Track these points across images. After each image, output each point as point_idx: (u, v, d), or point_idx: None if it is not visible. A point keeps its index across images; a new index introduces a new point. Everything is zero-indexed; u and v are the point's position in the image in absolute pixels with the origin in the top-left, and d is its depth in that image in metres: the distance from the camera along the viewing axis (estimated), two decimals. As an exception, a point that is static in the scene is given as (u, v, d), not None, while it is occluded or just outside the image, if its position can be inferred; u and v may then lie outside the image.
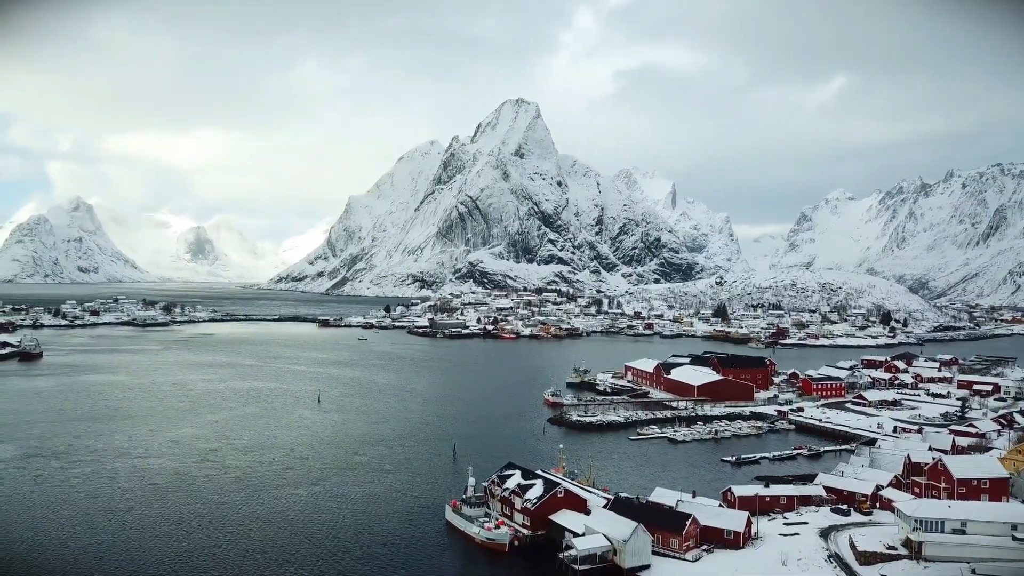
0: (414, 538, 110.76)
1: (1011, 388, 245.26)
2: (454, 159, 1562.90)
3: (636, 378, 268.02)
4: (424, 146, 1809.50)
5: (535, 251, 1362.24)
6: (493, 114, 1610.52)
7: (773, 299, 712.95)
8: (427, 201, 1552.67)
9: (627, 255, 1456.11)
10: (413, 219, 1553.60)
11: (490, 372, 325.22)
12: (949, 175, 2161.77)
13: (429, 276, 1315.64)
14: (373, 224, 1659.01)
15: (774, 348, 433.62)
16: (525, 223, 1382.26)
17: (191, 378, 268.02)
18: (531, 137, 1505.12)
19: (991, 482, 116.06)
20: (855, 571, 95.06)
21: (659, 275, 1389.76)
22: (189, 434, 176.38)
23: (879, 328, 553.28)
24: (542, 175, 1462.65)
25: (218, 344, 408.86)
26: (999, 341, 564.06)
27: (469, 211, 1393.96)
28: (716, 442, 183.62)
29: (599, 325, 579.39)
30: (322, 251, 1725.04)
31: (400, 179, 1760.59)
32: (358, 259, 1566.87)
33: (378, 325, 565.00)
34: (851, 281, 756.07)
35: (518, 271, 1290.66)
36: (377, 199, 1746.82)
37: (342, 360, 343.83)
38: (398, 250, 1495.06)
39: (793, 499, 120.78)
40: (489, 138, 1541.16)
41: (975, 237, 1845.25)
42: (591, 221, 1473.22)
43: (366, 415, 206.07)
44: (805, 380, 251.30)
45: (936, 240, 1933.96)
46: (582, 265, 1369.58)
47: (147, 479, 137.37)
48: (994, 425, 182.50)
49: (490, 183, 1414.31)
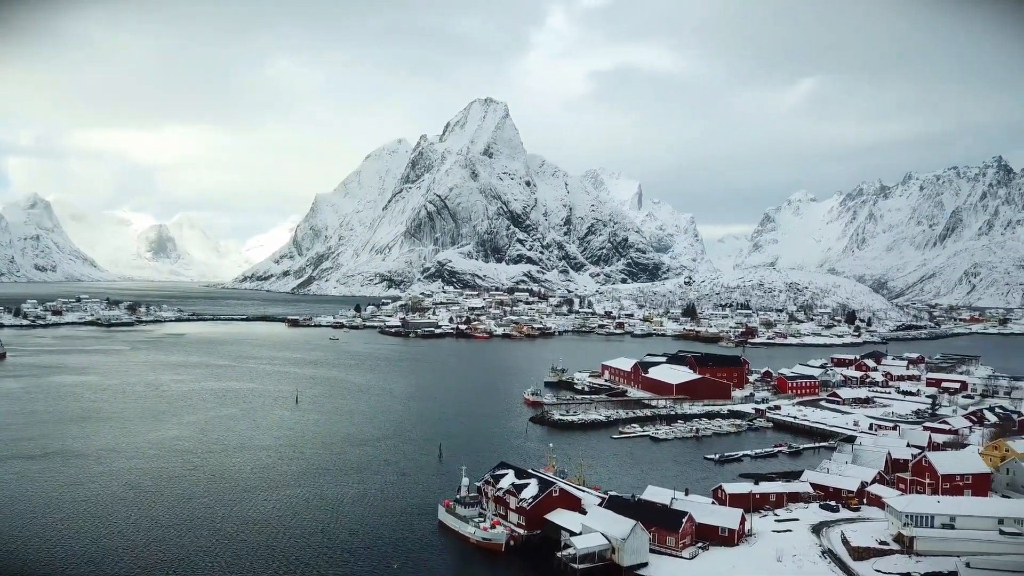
0: (407, 539, 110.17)
1: (978, 385, 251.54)
2: (422, 158, 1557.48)
3: (613, 377, 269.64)
4: (392, 144, 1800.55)
5: (504, 251, 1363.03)
6: (462, 113, 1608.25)
7: (741, 299, 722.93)
8: (395, 200, 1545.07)
9: (595, 255, 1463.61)
10: (381, 218, 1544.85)
11: (466, 372, 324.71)
12: (907, 178, 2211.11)
13: (397, 275, 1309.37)
14: (340, 223, 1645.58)
15: (744, 347, 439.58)
16: (494, 223, 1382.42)
17: (164, 379, 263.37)
18: (500, 137, 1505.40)
19: (973, 477, 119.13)
20: (849, 566, 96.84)
21: (626, 275, 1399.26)
22: (168, 436, 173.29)
23: (844, 327, 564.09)
24: (511, 175, 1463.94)
25: (188, 344, 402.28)
26: (958, 340, 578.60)
27: (438, 210, 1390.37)
28: (698, 440, 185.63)
29: (571, 324, 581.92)
30: (288, 250, 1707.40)
31: (367, 177, 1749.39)
32: (325, 258, 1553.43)
33: (349, 325, 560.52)
34: (817, 281, 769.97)
35: (487, 271, 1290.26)
36: (344, 197, 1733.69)
37: (316, 360, 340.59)
38: (365, 249, 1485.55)
39: (782, 496, 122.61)
40: (458, 137, 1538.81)
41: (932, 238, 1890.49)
42: (559, 221, 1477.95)
43: (347, 415, 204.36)
44: (780, 378, 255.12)
45: (895, 241, 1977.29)
46: (551, 265, 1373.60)
47: (130, 482, 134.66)
48: (966, 422, 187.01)
49: (459, 182, 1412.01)
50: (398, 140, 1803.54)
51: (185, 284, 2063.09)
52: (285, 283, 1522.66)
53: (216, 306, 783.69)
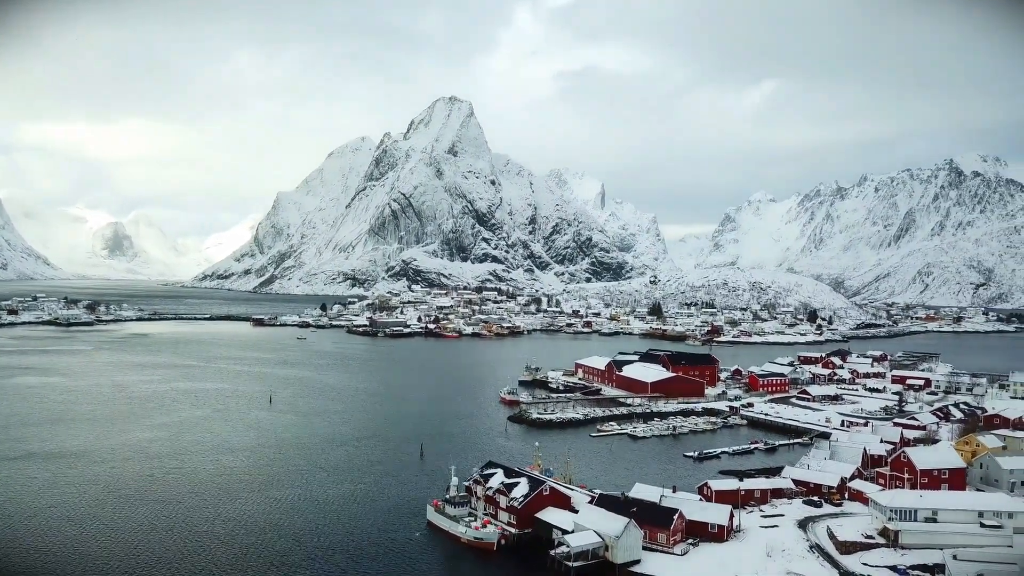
0: (397, 540, 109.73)
1: (941, 382, 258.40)
2: (386, 156, 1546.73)
3: (587, 375, 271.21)
4: (355, 142, 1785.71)
5: (469, 250, 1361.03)
6: (426, 111, 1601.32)
7: (706, 297, 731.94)
8: (359, 198, 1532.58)
9: (560, 254, 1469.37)
10: (344, 216, 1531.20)
11: (439, 371, 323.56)
12: (863, 179, 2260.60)
13: (361, 274, 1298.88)
14: (302, 221, 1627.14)
15: (710, 345, 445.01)
16: (459, 221, 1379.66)
17: (132, 379, 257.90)
18: (464, 135, 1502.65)
19: (950, 472, 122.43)
20: (837, 560, 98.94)
21: (590, 274, 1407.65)
22: (142, 438, 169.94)
23: (807, 326, 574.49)
24: (476, 173, 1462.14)
25: (153, 344, 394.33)
26: (915, 338, 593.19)
27: (402, 208, 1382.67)
28: (674, 438, 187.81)
29: (539, 323, 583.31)
30: (249, 248, 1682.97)
31: (330, 175, 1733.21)
32: (287, 256, 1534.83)
33: (315, 324, 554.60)
34: (779, 280, 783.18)
35: (452, 269, 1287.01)
36: (306, 195, 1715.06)
37: (286, 360, 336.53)
38: (328, 247, 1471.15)
39: (766, 492, 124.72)
40: (422, 135, 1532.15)
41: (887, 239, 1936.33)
42: (524, 220, 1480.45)
43: (324, 416, 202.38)
44: (752, 376, 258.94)
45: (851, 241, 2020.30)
46: (516, 264, 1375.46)
47: (107, 485, 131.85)
48: (933, 418, 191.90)
49: (423, 180, 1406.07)
50: (361, 138, 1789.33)
51: (143, 283, 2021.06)
52: (246, 282, 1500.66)
53: (177, 305, 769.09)
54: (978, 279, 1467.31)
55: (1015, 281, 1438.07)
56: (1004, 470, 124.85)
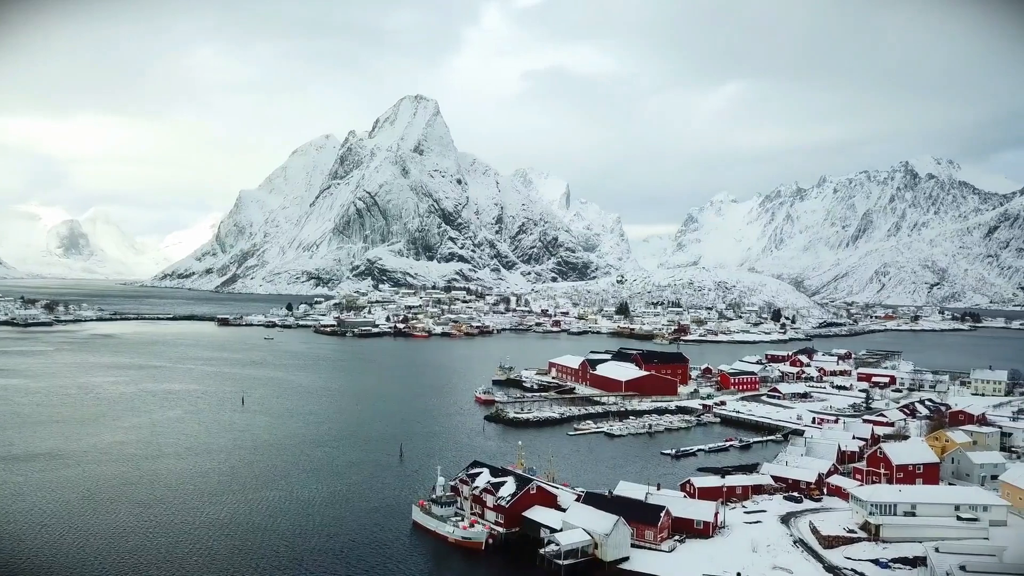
0: (384, 540, 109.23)
1: (905, 380, 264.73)
2: (351, 154, 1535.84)
3: (561, 374, 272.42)
4: (319, 140, 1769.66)
5: (435, 249, 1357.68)
6: (392, 110, 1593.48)
7: (672, 297, 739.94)
8: (323, 196, 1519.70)
9: (526, 254, 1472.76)
10: (308, 214, 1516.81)
11: (411, 371, 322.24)
12: (822, 180, 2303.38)
13: (326, 273, 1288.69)
14: (265, 219, 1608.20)
15: (678, 344, 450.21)
16: (425, 220, 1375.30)
17: (98, 381, 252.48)
18: (430, 134, 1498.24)
19: (924, 467, 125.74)
20: (821, 554, 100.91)
21: (556, 274, 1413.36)
22: (114, 440, 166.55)
23: (771, 325, 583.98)
24: (442, 172, 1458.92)
25: (117, 345, 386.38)
26: (875, 336, 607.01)
27: (367, 207, 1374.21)
28: (650, 436, 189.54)
29: (508, 323, 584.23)
30: (210, 247, 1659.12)
31: (294, 173, 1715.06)
32: (249, 255, 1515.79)
33: (281, 324, 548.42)
34: (744, 280, 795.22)
35: (418, 268, 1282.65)
36: (269, 193, 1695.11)
37: (254, 360, 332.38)
38: (292, 246, 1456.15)
39: (747, 488, 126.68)
40: (387, 134, 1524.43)
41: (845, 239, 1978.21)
42: (491, 220, 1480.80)
43: (300, 417, 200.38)
44: (723, 375, 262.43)
45: (811, 242, 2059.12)
46: (482, 263, 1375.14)
47: (82, 489, 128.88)
48: (900, 415, 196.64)
49: (389, 179, 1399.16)
50: (326, 135, 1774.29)
51: (100, 282, 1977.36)
52: (208, 281, 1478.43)
53: (138, 305, 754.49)
54: (932, 279, 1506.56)
55: (967, 281, 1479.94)
56: (975, 464, 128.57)
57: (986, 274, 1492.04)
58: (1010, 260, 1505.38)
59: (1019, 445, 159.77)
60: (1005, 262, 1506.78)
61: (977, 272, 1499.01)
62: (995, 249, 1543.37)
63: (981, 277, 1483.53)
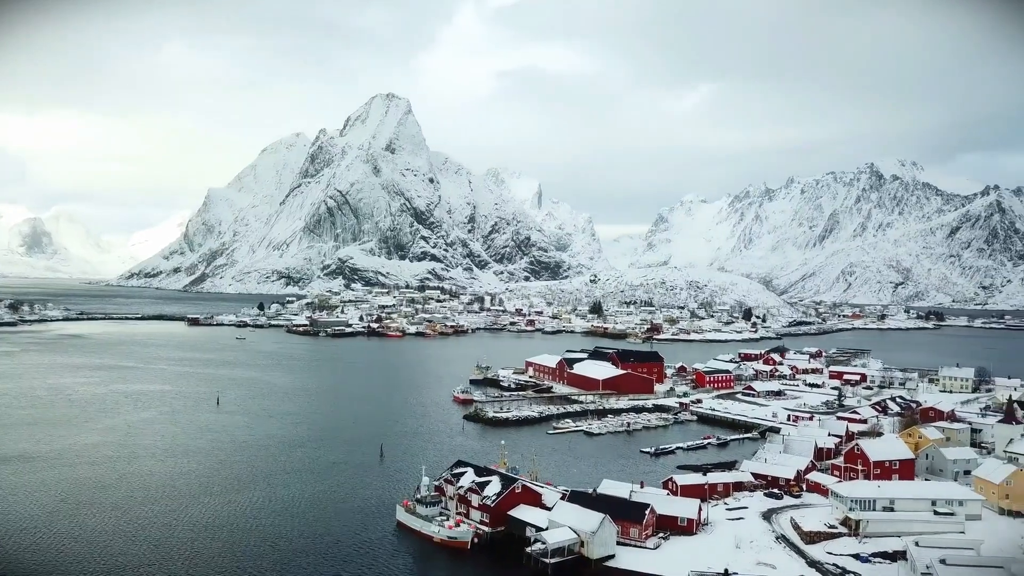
0: (368, 540, 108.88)
1: (876, 377, 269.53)
2: (322, 152, 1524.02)
3: (538, 373, 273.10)
4: (289, 138, 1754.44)
5: (407, 248, 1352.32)
6: (363, 108, 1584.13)
7: (644, 296, 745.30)
8: (293, 195, 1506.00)
9: (499, 253, 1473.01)
10: (278, 213, 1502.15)
11: (387, 371, 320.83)
12: (790, 181, 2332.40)
13: (296, 272, 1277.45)
14: (234, 218, 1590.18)
15: (651, 343, 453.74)
16: (397, 219, 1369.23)
17: (68, 382, 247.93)
18: (402, 132, 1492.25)
19: (900, 463, 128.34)
20: (803, 550, 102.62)
21: (529, 273, 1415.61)
22: (89, 442, 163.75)
23: (743, 323, 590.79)
24: (414, 171, 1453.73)
25: (86, 345, 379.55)
26: (843, 335, 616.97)
27: (338, 206, 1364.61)
28: (628, 434, 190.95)
29: (483, 322, 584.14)
30: (178, 246, 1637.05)
31: (264, 171, 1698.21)
32: (218, 254, 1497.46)
33: (253, 324, 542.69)
34: (715, 279, 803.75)
35: (390, 268, 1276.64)
36: (239, 192, 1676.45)
37: (227, 360, 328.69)
38: (262, 245, 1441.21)
39: (729, 485, 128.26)
40: (359, 132, 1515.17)
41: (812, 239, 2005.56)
42: (464, 219, 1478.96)
43: (278, 418, 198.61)
44: (699, 373, 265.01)
45: (779, 242, 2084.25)
46: (455, 263, 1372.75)
47: (59, 492, 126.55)
48: (873, 411, 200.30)
49: (360, 178, 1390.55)
50: (296, 134, 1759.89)
51: (64, 281, 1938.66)
52: (176, 280, 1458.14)
53: (105, 304, 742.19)
54: (897, 278, 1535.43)
55: (931, 280, 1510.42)
56: (948, 460, 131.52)
57: (948, 274, 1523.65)
58: (971, 260, 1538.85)
59: (988, 441, 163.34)
60: (966, 262, 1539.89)
61: (940, 272, 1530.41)
62: (957, 249, 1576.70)
63: (944, 276, 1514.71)
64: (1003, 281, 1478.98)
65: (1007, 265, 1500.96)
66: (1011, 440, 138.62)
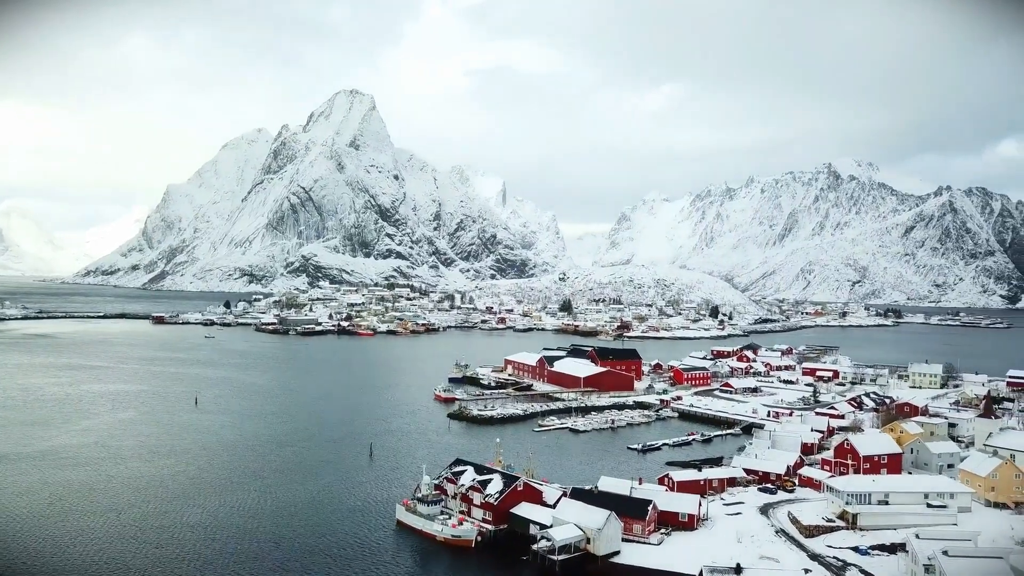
0: (370, 540, 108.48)
1: (847, 374, 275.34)
2: (285, 148, 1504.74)
3: (517, 371, 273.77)
4: (251, 134, 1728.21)
5: (372, 245, 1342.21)
6: (326, 104, 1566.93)
7: (613, 294, 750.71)
8: (255, 191, 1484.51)
9: (465, 251, 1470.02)
10: (240, 210, 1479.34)
11: (363, 370, 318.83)
12: (750, 181, 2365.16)
13: (259, 270, 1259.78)
14: (195, 214, 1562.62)
15: (623, 340, 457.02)
16: (361, 216, 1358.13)
17: (38, 382, 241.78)
18: (366, 129, 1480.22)
19: (888, 457, 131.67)
20: (803, 543, 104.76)
21: (495, 271, 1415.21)
22: (70, 443, 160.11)
23: (710, 321, 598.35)
24: (378, 168, 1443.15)
25: (52, 344, 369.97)
26: (807, 331, 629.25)
27: (302, 202, 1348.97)
28: (613, 431, 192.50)
29: (453, 320, 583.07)
30: (136, 243, 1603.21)
31: (225, 167, 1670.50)
32: (178, 251, 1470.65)
33: (220, 322, 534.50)
34: (682, 277, 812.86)
35: (355, 265, 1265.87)
36: (199, 188, 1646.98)
37: (199, 360, 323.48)
38: (224, 242, 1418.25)
39: (723, 481, 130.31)
40: (322, 128, 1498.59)
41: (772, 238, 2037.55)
42: (429, 216, 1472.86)
43: (260, 417, 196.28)
44: (676, 370, 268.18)
45: (740, 240, 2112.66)
46: (421, 260, 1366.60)
47: (44, 497, 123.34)
48: (849, 407, 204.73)
49: (324, 174, 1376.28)
50: (258, 129, 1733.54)
51: (16, 279, 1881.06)
52: (134, 278, 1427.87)
53: (65, 303, 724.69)
54: (854, 276, 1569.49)
55: (886, 278, 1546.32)
56: (933, 454, 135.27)
57: (904, 272, 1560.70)
58: (925, 259, 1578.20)
59: (964, 435, 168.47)
60: (921, 260, 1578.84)
61: (895, 270, 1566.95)
62: (912, 248, 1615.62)
63: (899, 275, 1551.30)
64: (955, 279, 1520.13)
65: (959, 264, 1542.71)
66: (990, 434, 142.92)
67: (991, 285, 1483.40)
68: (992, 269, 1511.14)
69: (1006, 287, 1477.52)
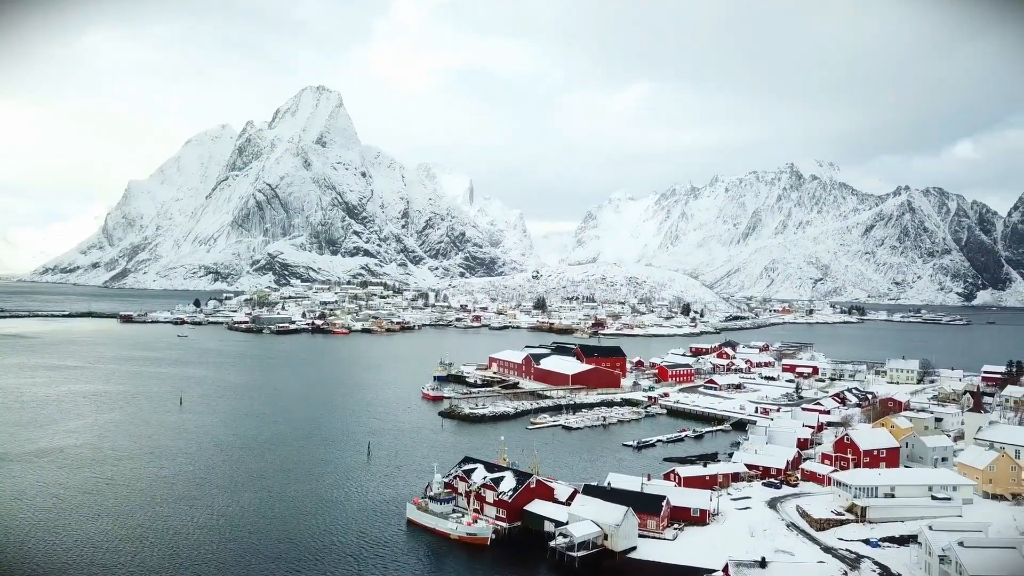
0: (382, 539, 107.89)
1: (827, 370, 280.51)
2: (250, 145, 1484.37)
3: (502, 369, 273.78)
4: (215, 130, 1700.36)
5: (340, 243, 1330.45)
6: (292, 100, 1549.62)
7: (586, 292, 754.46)
8: (220, 188, 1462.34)
9: (433, 248, 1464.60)
10: (204, 207, 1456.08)
11: (342, 368, 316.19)
12: (714, 180, 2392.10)
13: (224, 268, 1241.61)
14: (157, 211, 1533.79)
15: (598, 338, 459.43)
16: (328, 213, 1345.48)
17: (15, 383, 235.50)
18: (333, 126, 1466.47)
19: (887, 451, 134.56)
20: (815, 536, 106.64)
21: (464, 268, 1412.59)
22: (58, 445, 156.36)
23: (682, 318, 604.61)
24: (345, 165, 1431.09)
25: (21, 344, 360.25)
26: (776, 328, 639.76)
27: (268, 199, 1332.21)
28: (605, 428, 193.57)
29: (428, 318, 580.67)
30: (96, 240, 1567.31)
31: (188, 164, 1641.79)
32: (141, 249, 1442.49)
33: (191, 321, 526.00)
34: (654, 276, 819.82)
35: (322, 263, 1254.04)
36: (161, 184, 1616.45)
37: (175, 359, 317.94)
38: (187, 240, 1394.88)
39: (728, 476, 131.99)
40: (288, 125, 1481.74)
41: (736, 236, 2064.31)
42: (397, 214, 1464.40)
43: (250, 417, 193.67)
44: (661, 367, 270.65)
45: (705, 239, 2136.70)
46: (389, 258, 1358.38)
47: (37, 500, 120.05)
48: (834, 403, 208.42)
49: (290, 171, 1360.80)
50: (222, 125, 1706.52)
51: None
52: (95, 276, 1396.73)
53: (25, 301, 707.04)
54: (816, 274, 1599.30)
55: (848, 276, 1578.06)
56: (928, 448, 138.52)
57: (864, 270, 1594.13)
58: (885, 257, 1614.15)
59: (949, 429, 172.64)
60: (880, 259, 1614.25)
61: (856, 268, 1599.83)
62: (871, 247, 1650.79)
63: (860, 273, 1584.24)
64: (914, 277, 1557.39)
65: (917, 262, 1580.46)
66: (980, 428, 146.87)
67: (948, 283, 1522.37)
68: (949, 267, 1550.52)
69: (962, 285, 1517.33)
